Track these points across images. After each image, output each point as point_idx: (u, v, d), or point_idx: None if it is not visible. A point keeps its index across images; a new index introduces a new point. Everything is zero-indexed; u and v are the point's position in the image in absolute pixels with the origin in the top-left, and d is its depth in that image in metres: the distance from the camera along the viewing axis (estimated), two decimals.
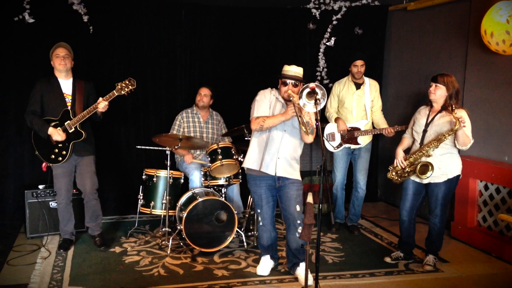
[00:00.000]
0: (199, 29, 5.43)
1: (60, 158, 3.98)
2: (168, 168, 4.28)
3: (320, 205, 3.95)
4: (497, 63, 4.35)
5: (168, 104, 5.40)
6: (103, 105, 3.89)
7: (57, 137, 3.92)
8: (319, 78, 5.83)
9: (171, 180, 4.37)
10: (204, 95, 4.80)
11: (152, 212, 4.42)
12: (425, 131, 3.72)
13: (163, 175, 4.42)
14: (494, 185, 4.25)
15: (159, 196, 4.40)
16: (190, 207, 3.99)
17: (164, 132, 4.77)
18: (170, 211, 4.34)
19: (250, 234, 4.44)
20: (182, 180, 4.53)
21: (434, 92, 3.66)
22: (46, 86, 4.02)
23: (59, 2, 4.84)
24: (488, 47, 4.15)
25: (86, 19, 4.93)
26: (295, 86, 3.40)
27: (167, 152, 4.27)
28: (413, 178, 3.79)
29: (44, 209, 4.42)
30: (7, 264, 3.81)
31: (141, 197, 4.45)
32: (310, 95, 3.13)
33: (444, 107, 3.66)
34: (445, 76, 3.63)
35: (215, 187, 4.45)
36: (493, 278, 3.71)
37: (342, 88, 4.70)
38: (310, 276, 3.33)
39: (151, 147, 4.65)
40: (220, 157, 4.21)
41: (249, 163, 3.54)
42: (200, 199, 4.02)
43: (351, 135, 4.60)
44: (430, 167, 3.60)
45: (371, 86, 4.67)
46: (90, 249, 4.18)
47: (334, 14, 5.71)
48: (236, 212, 4.13)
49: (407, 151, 3.90)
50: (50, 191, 4.44)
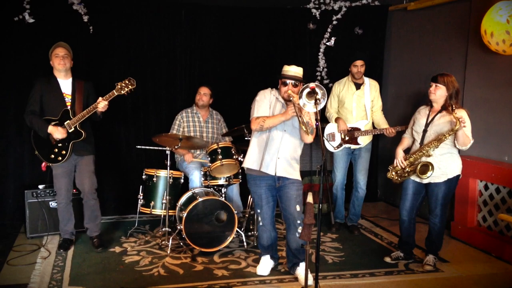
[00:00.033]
0: (199, 29, 5.43)
1: (60, 158, 3.98)
2: (168, 168, 4.28)
3: (320, 205, 3.94)
4: (497, 63, 4.35)
5: (168, 104, 5.40)
6: (102, 104, 3.89)
7: (57, 134, 3.91)
8: (319, 78, 5.83)
9: (171, 180, 4.37)
10: (203, 94, 4.80)
11: (152, 212, 4.42)
12: (425, 131, 3.72)
13: (163, 175, 4.42)
14: (494, 185, 4.25)
15: (159, 196, 4.40)
16: (190, 207, 3.99)
17: (164, 132, 4.76)
18: (170, 211, 4.34)
19: (250, 234, 4.44)
20: (182, 180, 4.53)
21: (434, 92, 3.66)
22: (46, 86, 4.01)
23: (59, 2, 4.84)
24: (488, 47, 4.15)
25: (86, 19, 4.93)
26: (295, 86, 3.40)
27: (167, 152, 4.27)
28: (413, 178, 3.79)
29: (44, 209, 4.42)
30: (7, 264, 3.81)
31: (141, 197, 4.45)
32: (310, 95, 3.13)
33: (444, 107, 3.65)
34: (445, 76, 3.63)
35: (215, 187, 4.44)
36: (493, 278, 3.71)
37: (342, 88, 4.70)
38: (310, 276, 3.33)
39: (151, 147, 4.65)
40: (220, 157, 4.20)
41: (249, 163, 3.54)
42: (200, 199, 4.02)
43: (351, 135, 4.60)
44: (430, 167, 3.60)
45: (371, 86, 4.67)
46: (90, 249, 4.17)
47: (334, 14, 5.71)
48: (236, 212, 4.13)
49: (407, 151, 3.90)
50: (50, 191, 4.44)
